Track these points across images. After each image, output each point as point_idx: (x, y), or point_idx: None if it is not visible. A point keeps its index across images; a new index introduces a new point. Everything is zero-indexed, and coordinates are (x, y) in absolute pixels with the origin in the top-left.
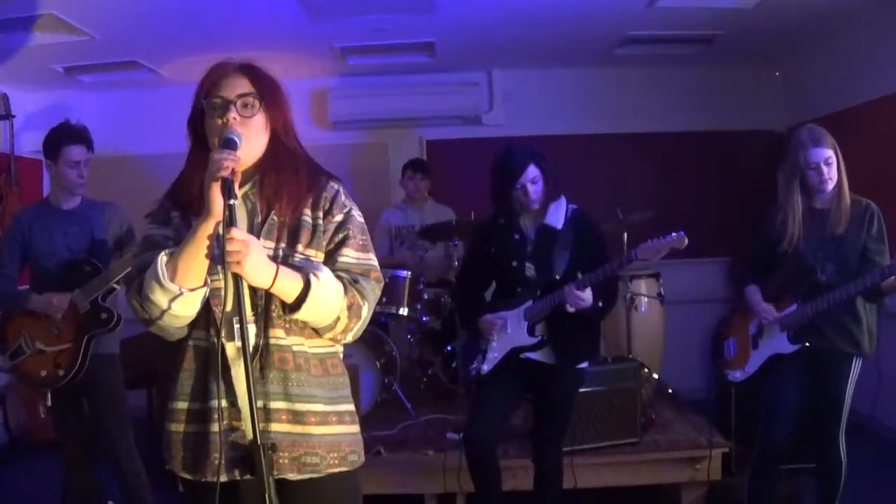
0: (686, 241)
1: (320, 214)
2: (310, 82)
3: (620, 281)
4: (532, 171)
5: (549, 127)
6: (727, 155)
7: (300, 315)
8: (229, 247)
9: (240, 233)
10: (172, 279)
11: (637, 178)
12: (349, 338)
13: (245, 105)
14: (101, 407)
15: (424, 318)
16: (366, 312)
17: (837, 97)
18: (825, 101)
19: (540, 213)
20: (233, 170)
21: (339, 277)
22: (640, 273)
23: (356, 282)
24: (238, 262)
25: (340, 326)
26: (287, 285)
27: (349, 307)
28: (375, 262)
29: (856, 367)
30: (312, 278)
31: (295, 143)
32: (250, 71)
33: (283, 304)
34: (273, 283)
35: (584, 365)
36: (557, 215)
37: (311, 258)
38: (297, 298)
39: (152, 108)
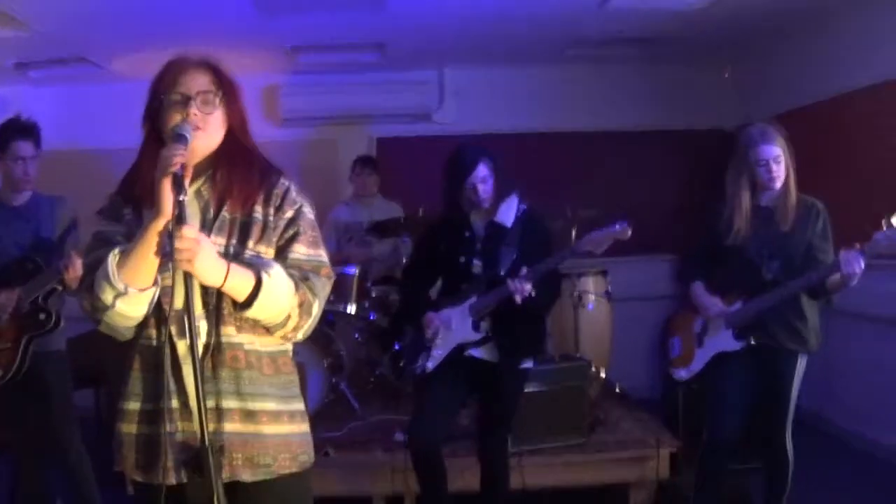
0: (629, 231)
1: (271, 210)
2: (260, 79)
3: (567, 279)
4: (482, 170)
5: (499, 124)
6: (678, 153)
7: (251, 313)
8: (179, 245)
9: (190, 231)
10: (123, 278)
11: (587, 176)
12: (300, 335)
13: (205, 102)
14: (47, 406)
15: (372, 316)
16: (316, 310)
17: (788, 97)
18: (776, 100)
19: (490, 212)
20: (183, 165)
21: (289, 275)
22: (588, 270)
23: (307, 279)
24: (188, 261)
25: (291, 324)
26: (238, 283)
27: (300, 304)
28: (326, 259)
29: (801, 364)
30: (264, 276)
31: (249, 139)
32: (210, 67)
33: (235, 301)
34: (224, 281)
35: (528, 364)
36: (508, 213)
37: (262, 254)
38: (248, 296)
39: (103, 103)
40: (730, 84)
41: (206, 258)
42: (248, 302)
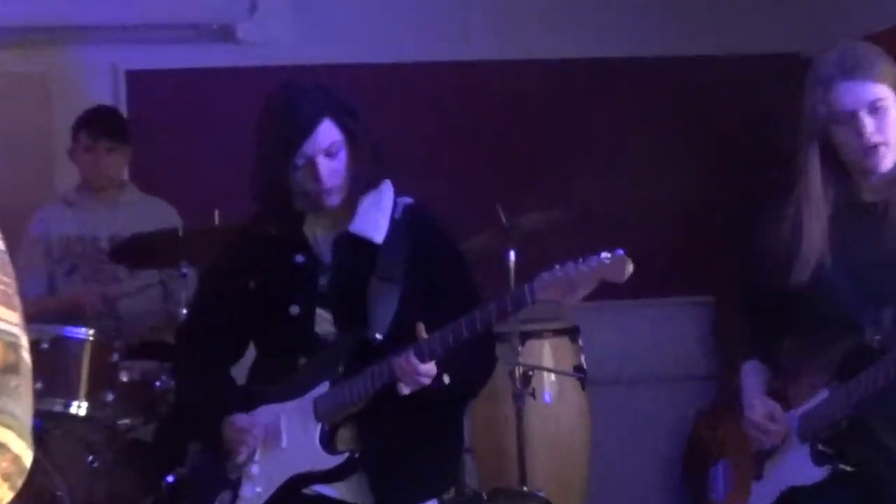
0: (629, 266)
1: None
2: None
3: (503, 343)
4: (327, 132)
5: (362, 49)
6: (707, 103)
7: None
8: None
9: None
10: None
11: (540, 147)
12: (3, 491)
13: None
14: None
15: (121, 422)
16: (13, 440)
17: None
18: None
19: (343, 215)
20: None
21: None
22: (543, 328)
23: None
24: None
25: None
26: None
27: None
28: (19, 330)
29: None
30: None
31: None
32: None
33: None
34: None
35: None
36: (375, 218)
37: None
38: None
39: None
40: None
41: None
42: None
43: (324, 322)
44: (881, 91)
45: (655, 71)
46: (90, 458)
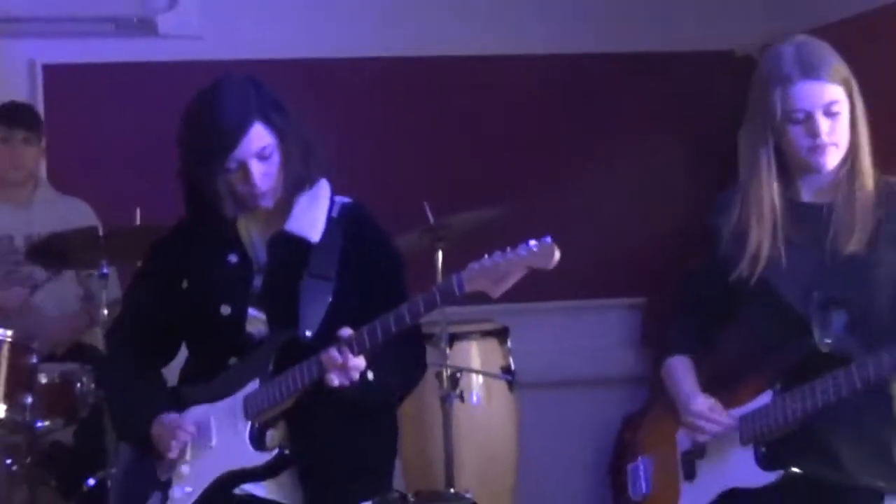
0: (556, 253)
1: None
2: None
3: (431, 345)
4: (259, 135)
5: (292, 43)
6: (646, 101)
7: None
8: None
9: None
10: None
11: (471, 145)
12: None
13: None
14: None
15: (40, 424)
16: None
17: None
18: (820, 3)
19: (277, 215)
20: None
21: None
22: (471, 330)
23: None
24: None
25: None
26: None
27: None
28: None
29: None
30: None
31: None
32: None
33: None
34: None
35: None
36: (311, 217)
37: None
38: None
39: None
40: None
41: None
42: None
43: (257, 322)
44: (837, 93)
45: (590, 68)
46: (8, 461)
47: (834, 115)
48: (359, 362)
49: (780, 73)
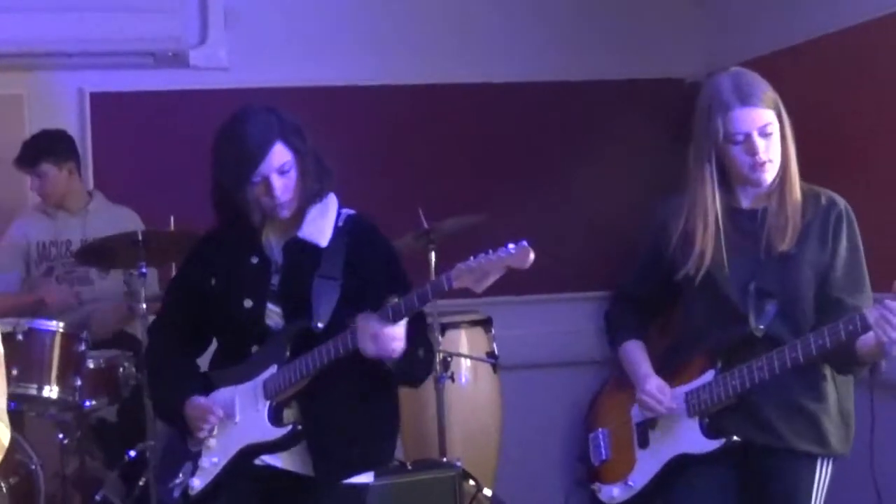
0: (531, 255)
1: None
2: None
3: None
4: (279, 153)
5: (305, 73)
6: (608, 121)
7: None
8: None
9: None
10: None
11: (458, 162)
12: None
13: None
14: None
15: (88, 403)
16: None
17: (776, 32)
18: (757, 37)
19: (292, 223)
20: None
21: None
22: (460, 320)
23: None
24: None
25: None
26: None
27: None
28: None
29: (821, 475)
30: None
31: None
32: None
33: None
34: None
35: (366, 478)
36: (321, 226)
37: None
38: None
39: None
40: (695, 16)
41: None
42: None
43: (274, 315)
44: (769, 116)
45: (552, 94)
46: (61, 435)
47: (768, 136)
48: (400, 333)
49: (721, 101)
